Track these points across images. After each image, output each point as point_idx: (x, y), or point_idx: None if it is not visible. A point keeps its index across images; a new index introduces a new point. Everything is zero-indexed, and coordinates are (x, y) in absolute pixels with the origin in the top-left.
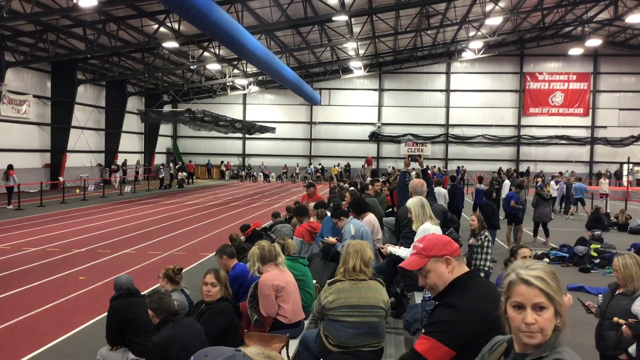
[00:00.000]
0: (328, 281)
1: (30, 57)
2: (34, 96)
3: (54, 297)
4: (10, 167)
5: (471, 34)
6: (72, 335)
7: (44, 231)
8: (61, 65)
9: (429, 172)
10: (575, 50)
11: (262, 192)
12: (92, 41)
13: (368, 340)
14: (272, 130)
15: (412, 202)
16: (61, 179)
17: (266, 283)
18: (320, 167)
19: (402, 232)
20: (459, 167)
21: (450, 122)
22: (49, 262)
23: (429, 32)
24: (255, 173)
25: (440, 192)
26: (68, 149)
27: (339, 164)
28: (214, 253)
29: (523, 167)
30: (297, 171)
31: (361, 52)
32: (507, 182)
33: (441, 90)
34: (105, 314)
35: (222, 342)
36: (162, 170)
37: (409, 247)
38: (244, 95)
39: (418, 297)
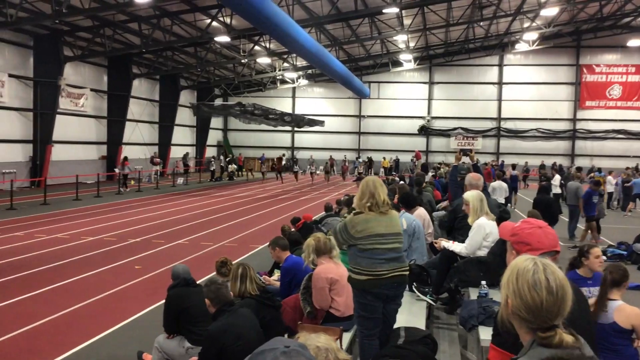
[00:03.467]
0: (353, 212)
1: (87, 51)
2: (92, 90)
3: (111, 285)
4: (125, 158)
5: (525, 25)
6: (129, 322)
7: (101, 221)
8: (117, 59)
9: (487, 166)
10: (634, 42)
11: (311, 184)
12: (147, 36)
13: (397, 265)
14: (321, 123)
15: (471, 196)
16: (117, 170)
17: (320, 275)
18: (368, 160)
19: (457, 226)
20: (502, 161)
21: (502, 116)
22: (106, 251)
23: (481, 23)
24: (295, 167)
25: (502, 186)
26: (123, 142)
27: (384, 157)
28: (267, 244)
29: (578, 162)
30: (346, 164)
31: (411, 44)
32: (557, 177)
33: (493, 83)
34: (161, 302)
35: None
36: (212, 162)
37: (463, 241)
38: (294, 89)
39: (473, 293)
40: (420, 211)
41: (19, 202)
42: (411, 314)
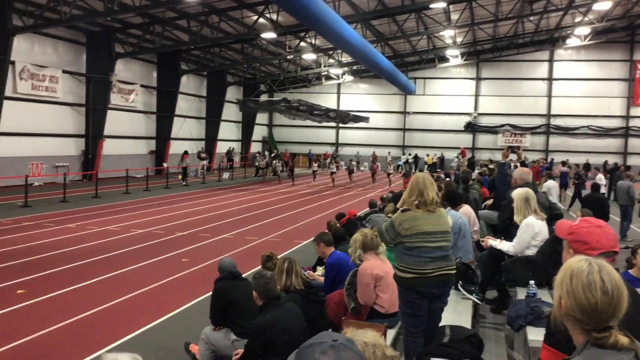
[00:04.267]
0: (400, 209)
1: (138, 48)
2: (141, 86)
3: (159, 277)
4: (185, 152)
5: (577, 19)
6: (176, 313)
7: (150, 214)
8: (166, 56)
9: (536, 164)
10: None
11: (355, 180)
12: (195, 33)
13: (443, 263)
14: (366, 119)
15: (516, 194)
16: (165, 165)
17: (366, 272)
18: (413, 157)
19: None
20: (552, 159)
21: (552, 112)
22: (155, 243)
23: (531, 18)
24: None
25: (555, 185)
26: (171, 137)
27: (427, 154)
28: (312, 239)
29: (631, 161)
30: (389, 160)
31: (458, 40)
32: (600, 176)
33: (543, 79)
34: (207, 294)
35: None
36: (258, 158)
37: (511, 240)
38: (338, 85)
39: (521, 293)
40: (466, 209)
41: (71, 194)
42: (456, 312)
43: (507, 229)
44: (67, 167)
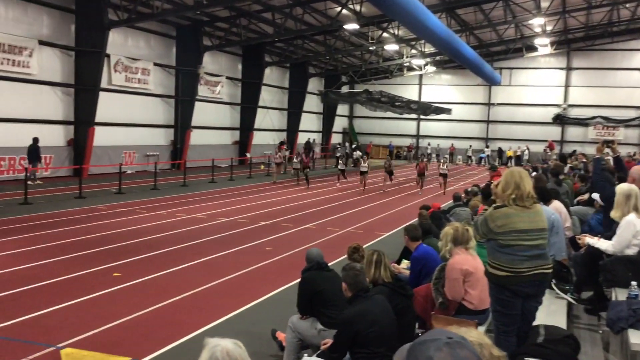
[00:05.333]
0: (494, 205)
1: (224, 41)
2: (227, 78)
3: (244, 265)
4: (282, 142)
5: None
6: (262, 301)
7: (234, 203)
8: (251, 48)
9: (633, 159)
10: None
11: (437, 173)
12: (280, 25)
13: (539, 262)
14: (448, 111)
15: (619, 189)
16: (248, 155)
17: (455, 266)
18: (497, 150)
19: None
20: None
21: None
22: (240, 232)
23: (627, 4)
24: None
25: None
26: (255, 128)
27: (509, 147)
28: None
29: None
30: (470, 153)
31: (548, 28)
32: None
33: (639, 69)
34: (291, 283)
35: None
36: (338, 149)
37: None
38: (420, 76)
39: (621, 294)
40: (556, 204)
41: (161, 183)
42: (550, 312)
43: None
44: (157, 157)
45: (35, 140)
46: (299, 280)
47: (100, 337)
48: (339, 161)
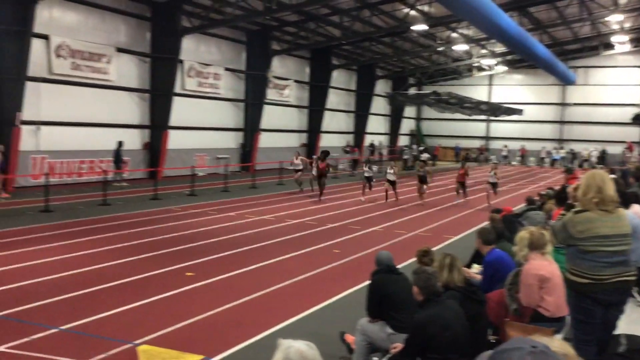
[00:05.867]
0: (573, 210)
1: (292, 45)
2: (295, 81)
3: (313, 267)
4: (352, 146)
5: None
6: (330, 303)
7: (302, 205)
8: (319, 52)
9: None
10: None
11: (507, 176)
12: (347, 28)
13: (621, 269)
14: (519, 112)
15: None
16: (315, 157)
17: (530, 272)
18: (571, 152)
19: None
20: None
21: None
22: (308, 234)
23: None
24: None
25: None
26: (322, 130)
27: (585, 148)
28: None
29: None
30: (543, 155)
31: (626, 25)
32: None
33: None
34: (360, 286)
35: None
36: (405, 151)
37: None
38: (490, 76)
39: None
40: (637, 208)
41: (231, 185)
42: (631, 320)
43: None
44: (227, 159)
45: (120, 143)
46: (367, 282)
47: (174, 335)
48: (365, 167)
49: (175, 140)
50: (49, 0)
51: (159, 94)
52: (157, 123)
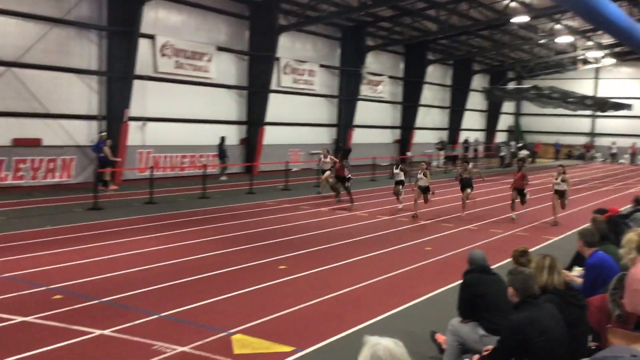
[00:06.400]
0: None
1: (387, 40)
2: (389, 77)
3: (404, 264)
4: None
5: None
6: (421, 301)
7: (393, 202)
8: (413, 47)
9: None
10: None
11: (613, 175)
12: (443, 22)
13: None
14: (628, 107)
15: None
16: (409, 154)
17: (638, 277)
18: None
19: None
20: None
21: None
22: (399, 230)
23: None
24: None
25: None
26: (415, 126)
27: None
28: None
29: None
30: None
31: None
32: None
33: None
34: (451, 285)
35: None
36: (502, 148)
37: None
38: (596, 69)
39: None
40: None
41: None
42: None
43: None
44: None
45: (223, 139)
46: (460, 282)
47: (266, 325)
48: (395, 170)
49: (270, 135)
50: (155, 2)
51: (256, 90)
52: (254, 119)
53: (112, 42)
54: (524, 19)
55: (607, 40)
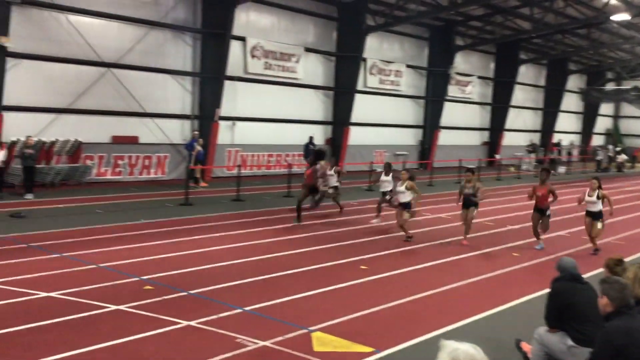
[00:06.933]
0: None
1: (477, 40)
2: (478, 77)
3: (489, 269)
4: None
5: None
6: (507, 308)
7: (480, 205)
8: (505, 46)
9: None
10: None
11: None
12: (538, 20)
13: None
14: None
15: None
16: (497, 156)
17: None
18: None
19: None
20: None
21: None
22: (485, 235)
23: None
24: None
25: None
26: (505, 128)
27: None
28: None
29: None
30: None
31: None
32: None
33: None
34: (540, 293)
35: None
36: (599, 152)
37: None
38: None
39: None
40: None
41: None
42: None
43: None
44: (406, 156)
45: (311, 138)
46: (548, 290)
47: (346, 325)
48: (384, 177)
49: (355, 136)
50: (247, 5)
51: (342, 91)
52: (339, 119)
53: (205, 44)
54: (624, 17)
55: None
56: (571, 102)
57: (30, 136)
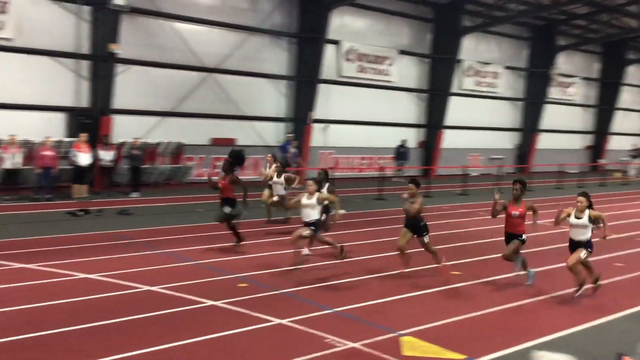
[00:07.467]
0: None
1: (581, 39)
2: (582, 78)
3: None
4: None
5: None
6: (608, 321)
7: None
8: (611, 45)
9: None
10: None
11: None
12: None
13: None
14: None
15: None
16: (602, 161)
17: None
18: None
19: None
20: None
21: None
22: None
23: None
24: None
25: None
26: (611, 131)
27: None
28: None
29: None
30: None
31: None
32: None
33: None
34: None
35: None
36: None
37: None
38: None
39: None
40: None
41: (505, 186)
42: None
43: None
44: (502, 160)
45: (404, 142)
46: None
47: (437, 330)
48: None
49: (449, 139)
50: (341, 9)
51: (436, 93)
52: (433, 122)
53: (300, 48)
54: None
55: None
56: None
57: (137, 138)
